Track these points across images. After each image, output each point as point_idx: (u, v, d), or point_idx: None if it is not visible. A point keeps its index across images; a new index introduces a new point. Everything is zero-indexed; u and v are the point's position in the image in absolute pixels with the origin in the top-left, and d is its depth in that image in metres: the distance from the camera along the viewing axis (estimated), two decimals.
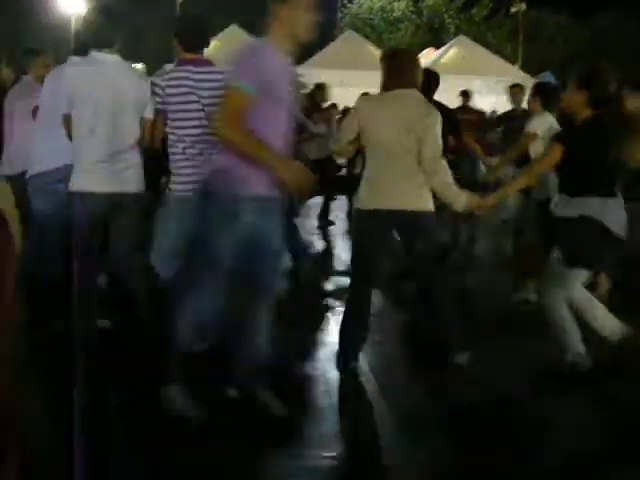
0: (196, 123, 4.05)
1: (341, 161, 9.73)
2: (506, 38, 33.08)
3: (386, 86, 4.24)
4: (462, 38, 20.27)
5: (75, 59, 4.58)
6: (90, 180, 4.06)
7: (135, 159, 4.19)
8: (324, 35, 30.32)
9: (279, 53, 3.34)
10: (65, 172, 4.21)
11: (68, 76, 4.17)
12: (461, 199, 4.14)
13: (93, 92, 4.01)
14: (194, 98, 4.06)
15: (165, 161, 4.32)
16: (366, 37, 23.96)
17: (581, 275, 4.16)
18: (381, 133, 4.15)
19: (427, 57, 21.04)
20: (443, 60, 18.35)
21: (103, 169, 4.06)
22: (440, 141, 4.15)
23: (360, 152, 5.07)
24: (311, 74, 8.39)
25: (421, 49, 24.53)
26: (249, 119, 3.19)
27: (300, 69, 8.24)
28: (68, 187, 4.13)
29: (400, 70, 4.21)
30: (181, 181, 4.13)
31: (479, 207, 4.29)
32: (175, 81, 4.10)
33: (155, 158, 4.70)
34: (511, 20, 33.12)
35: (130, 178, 4.15)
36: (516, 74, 17.95)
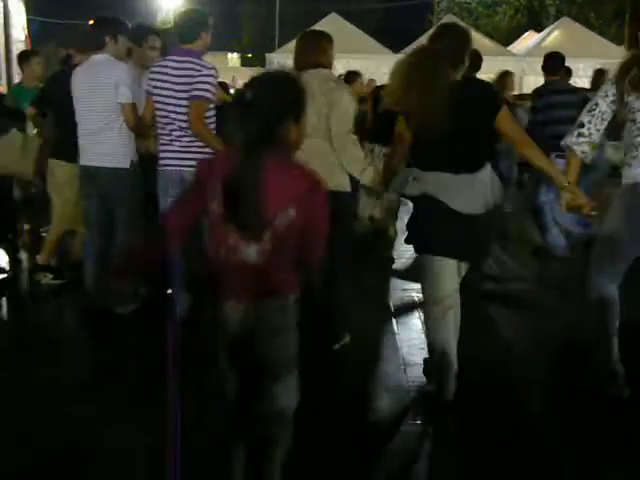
0: (170, 109, 4.51)
1: None
2: (611, 19, 31.70)
3: (298, 66, 4.26)
4: (566, 20, 19.50)
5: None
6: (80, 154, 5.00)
7: (111, 137, 4.85)
8: (422, 19, 29.88)
9: None
10: None
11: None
12: (366, 174, 4.14)
13: (76, 84, 4.95)
14: (168, 85, 4.51)
15: None
16: (463, 22, 23.44)
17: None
18: None
19: (528, 40, 20.38)
20: (546, 42, 17.69)
21: (83, 145, 4.95)
22: (350, 117, 4.14)
23: None
24: None
25: (520, 33, 23.81)
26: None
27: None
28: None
29: (308, 50, 4.28)
30: (160, 157, 4.65)
31: (384, 183, 4.07)
32: (156, 69, 4.62)
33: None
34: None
35: (105, 153, 4.85)
36: (621, 57, 17.12)
